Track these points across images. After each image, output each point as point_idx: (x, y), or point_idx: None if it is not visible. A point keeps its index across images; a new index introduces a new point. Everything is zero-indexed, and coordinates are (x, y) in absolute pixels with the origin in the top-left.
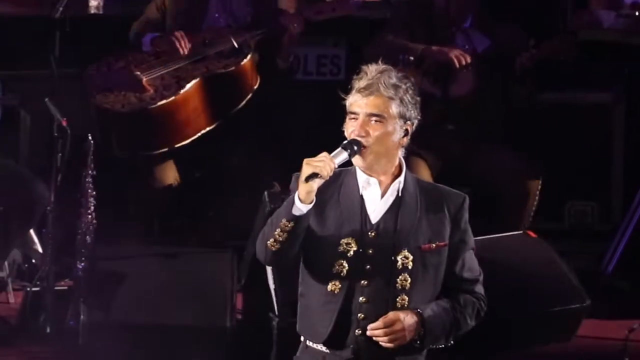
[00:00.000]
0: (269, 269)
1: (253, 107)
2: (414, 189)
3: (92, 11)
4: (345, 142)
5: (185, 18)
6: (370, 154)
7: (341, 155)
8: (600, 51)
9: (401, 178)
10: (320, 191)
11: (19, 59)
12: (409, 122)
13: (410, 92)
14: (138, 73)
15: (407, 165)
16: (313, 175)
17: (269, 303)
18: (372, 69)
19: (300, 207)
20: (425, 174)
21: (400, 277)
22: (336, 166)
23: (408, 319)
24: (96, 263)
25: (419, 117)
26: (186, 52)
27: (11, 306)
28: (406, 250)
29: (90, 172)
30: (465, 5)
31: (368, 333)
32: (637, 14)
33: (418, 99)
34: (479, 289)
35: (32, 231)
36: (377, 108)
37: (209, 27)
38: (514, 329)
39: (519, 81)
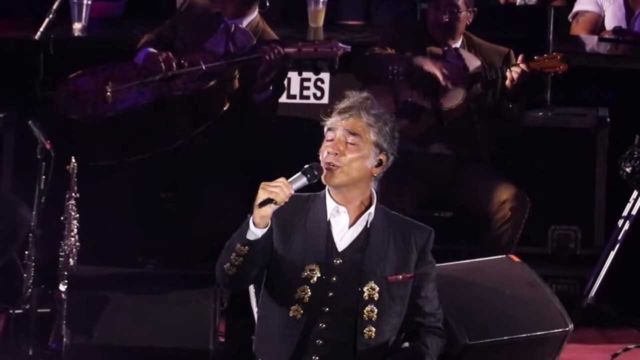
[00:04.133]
0: (251, 292)
1: (231, 128)
2: (383, 221)
3: (76, 33)
4: (305, 166)
5: (190, 39)
6: (341, 175)
7: (300, 181)
8: (583, 76)
9: (372, 209)
10: (288, 216)
11: (2, 81)
12: (384, 152)
13: (390, 125)
14: (107, 82)
15: (390, 193)
16: (268, 201)
17: (251, 326)
18: (355, 94)
19: (255, 232)
20: (408, 202)
21: (367, 308)
22: (292, 192)
23: None
24: (79, 286)
25: (395, 154)
26: (165, 70)
27: None
28: (372, 282)
29: (73, 194)
30: (454, 27)
31: None
32: (619, 38)
33: (397, 135)
34: (440, 324)
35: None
36: (354, 129)
37: (203, 51)
38: (496, 353)
39: (509, 98)
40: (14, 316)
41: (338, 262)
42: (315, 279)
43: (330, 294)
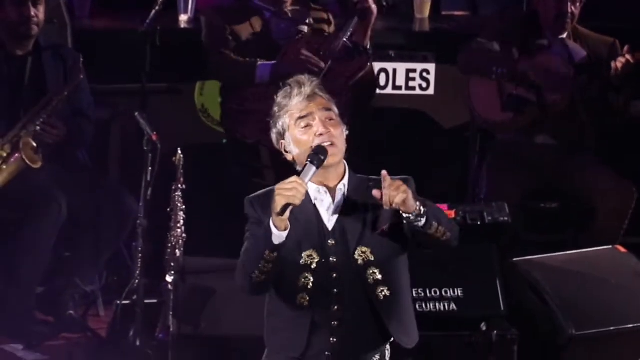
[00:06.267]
0: None
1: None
2: (360, 188)
3: (182, 25)
4: (310, 154)
5: (260, 39)
6: (338, 152)
7: (310, 172)
8: None
9: (345, 180)
10: None
11: (109, 73)
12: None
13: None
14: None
15: (496, 183)
16: (287, 206)
17: None
18: (305, 80)
19: (280, 235)
20: (514, 192)
21: (368, 272)
22: (307, 187)
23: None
24: (186, 277)
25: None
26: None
27: (102, 319)
28: (361, 246)
29: (180, 185)
30: (573, 17)
31: (374, 193)
32: None
33: None
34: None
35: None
36: (327, 105)
37: (296, 38)
38: (603, 343)
39: (615, 89)
40: (121, 307)
41: (331, 242)
42: (315, 264)
43: (334, 275)
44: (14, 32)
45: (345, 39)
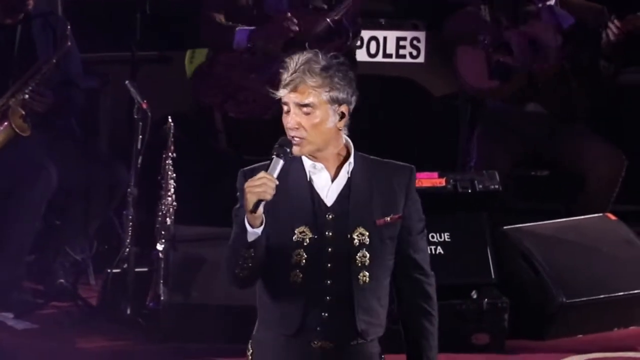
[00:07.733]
0: None
1: None
2: (362, 167)
3: None
4: (275, 147)
5: (252, 9)
6: (308, 145)
7: (278, 166)
8: None
9: (350, 159)
10: None
11: (99, 42)
12: (343, 105)
13: (341, 73)
14: (253, 76)
15: (486, 153)
16: (259, 203)
17: None
18: (296, 61)
19: (255, 232)
20: (505, 161)
21: (358, 253)
22: (276, 181)
23: None
24: (176, 245)
25: (355, 94)
26: (297, 29)
27: (92, 287)
28: (361, 227)
29: (170, 154)
30: None
31: None
32: None
33: (351, 76)
34: (429, 271)
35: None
36: (304, 98)
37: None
38: (593, 311)
39: (605, 57)
40: (112, 276)
41: (330, 216)
42: (308, 240)
43: (330, 249)
44: (11, 6)
45: (329, 20)
